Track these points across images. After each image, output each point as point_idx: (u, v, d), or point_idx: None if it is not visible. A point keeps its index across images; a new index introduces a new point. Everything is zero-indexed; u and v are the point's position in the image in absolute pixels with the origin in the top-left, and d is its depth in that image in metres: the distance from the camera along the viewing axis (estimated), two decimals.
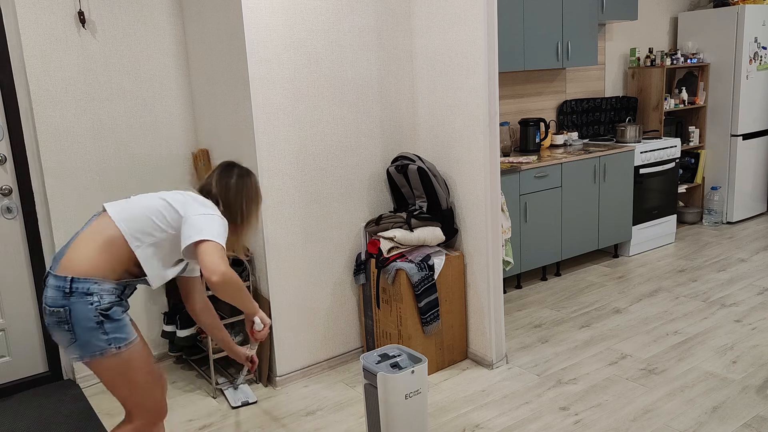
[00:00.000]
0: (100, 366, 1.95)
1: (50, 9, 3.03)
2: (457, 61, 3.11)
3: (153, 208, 2.00)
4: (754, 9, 5.43)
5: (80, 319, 1.89)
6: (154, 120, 3.39)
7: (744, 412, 2.74)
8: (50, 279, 1.92)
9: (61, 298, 1.89)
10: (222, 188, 2.15)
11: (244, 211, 2.16)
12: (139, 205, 2.01)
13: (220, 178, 2.17)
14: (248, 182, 2.20)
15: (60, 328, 1.91)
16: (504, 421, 2.77)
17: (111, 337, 1.93)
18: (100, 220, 2.00)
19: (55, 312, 1.90)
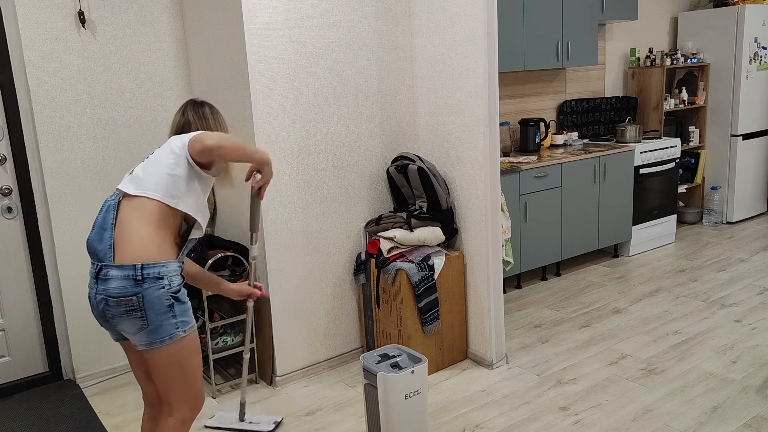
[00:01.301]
0: (162, 353, 1.95)
1: (50, 9, 3.03)
2: (457, 61, 3.11)
3: (163, 162, 2.00)
4: (754, 9, 5.43)
5: (153, 304, 1.90)
6: (154, 120, 3.39)
7: (744, 412, 2.74)
8: (111, 270, 1.89)
9: (132, 286, 1.88)
10: (201, 119, 2.20)
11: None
12: (152, 169, 2.00)
13: (195, 110, 2.21)
14: (219, 112, 2.28)
15: (130, 317, 1.90)
16: (504, 421, 2.78)
17: (179, 321, 1.95)
18: (127, 203, 1.98)
19: (124, 301, 1.89)
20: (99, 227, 1.98)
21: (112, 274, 1.90)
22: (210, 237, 3.22)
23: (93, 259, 1.97)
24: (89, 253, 1.99)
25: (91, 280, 1.97)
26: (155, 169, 2.00)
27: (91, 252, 1.97)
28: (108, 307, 1.91)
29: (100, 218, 1.99)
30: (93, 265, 1.97)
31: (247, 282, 2.60)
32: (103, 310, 1.94)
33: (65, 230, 3.20)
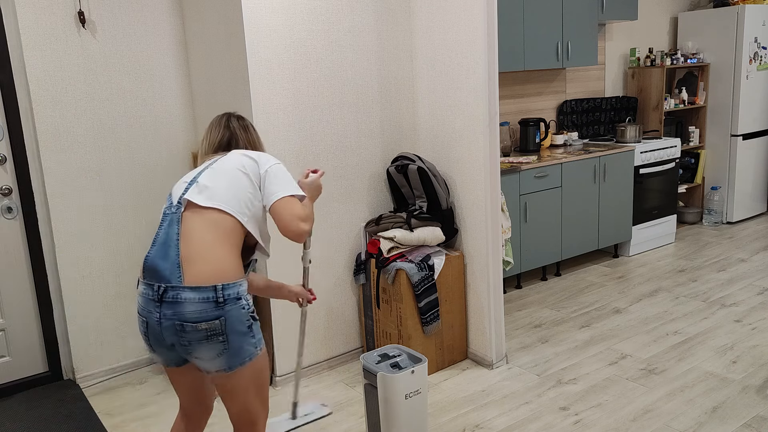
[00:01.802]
0: (242, 375, 1.83)
1: (50, 9, 3.03)
2: (457, 61, 3.11)
3: (238, 178, 1.88)
4: (754, 9, 5.43)
5: (235, 326, 1.76)
6: (154, 120, 3.39)
7: (744, 412, 2.74)
8: (183, 293, 1.73)
9: (213, 309, 1.73)
10: (247, 133, 2.10)
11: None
12: (224, 181, 1.87)
13: (240, 123, 2.10)
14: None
15: (210, 342, 1.75)
16: (504, 421, 2.77)
17: (257, 339, 1.84)
18: (195, 216, 1.82)
19: (205, 327, 1.73)
20: (162, 243, 1.79)
21: (186, 296, 1.72)
22: None
23: (152, 279, 1.76)
24: (147, 272, 1.78)
25: (147, 304, 1.77)
26: (228, 182, 1.87)
27: (152, 271, 1.77)
28: (183, 333, 1.74)
29: (162, 233, 1.81)
30: (151, 286, 1.76)
31: (302, 285, 2.52)
32: (171, 337, 1.76)
33: (65, 230, 3.20)
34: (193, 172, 1.95)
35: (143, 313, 1.80)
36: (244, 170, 1.90)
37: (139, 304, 1.81)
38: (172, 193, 1.90)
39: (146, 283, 1.78)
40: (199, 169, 1.95)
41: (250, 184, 1.89)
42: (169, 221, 1.83)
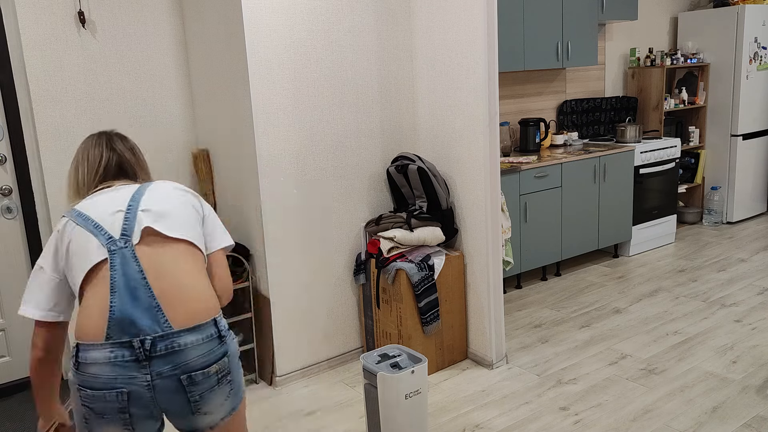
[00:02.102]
0: (241, 412, 1.63)
1: (50, 9, 3.03)
2: (457, 61, 3.11)
3: (188, 211, 1.64)
4: (754, 9, 5.43)
5: (235, 359, 1.59)
6: (154, 120, 3.39)
7: (744, 412, 2.74)
8: (181, 338, 1.46)
9: (218, 346, 1.53)
10: (135, 155, 1.77)
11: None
12: (178, 210, 1.61)
13: (125, 144, 1.76)
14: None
15: (221, 385, 1.53)
16: (504, 421, 2.77)
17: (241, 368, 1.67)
18: (157, 247, 1.52)
19: (216, 370, 1.51)
20: (124, 288, 1.45)
21: (186, 341, 1.46)
22: None
23: (126, 335, 1.42)
24: (117, 328, 1.43)
25: (125, 369, 1.42)
26: (185, 214, 1.61)
27: (125, 325, 1.43)
28: (193, 387, 1.47)
29: (117, 276, 1.46)
30: (126, 345, 1.42)
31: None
32: (170, 400, 1.46)
33: None
34: (107, 200, 1.57)
35: (119, 384, 1.41)
36: (193, 206, 1.66)
37: (103, 376, 1.41)
38: (101, 227, 1.51)
39: (116, 343, 1.41)
40: (120, 197, 1.58)
41: (198, 224, 1.65)
42: (120, 260, 1.47)
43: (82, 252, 1.50)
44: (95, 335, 1.43)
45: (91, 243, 1.50)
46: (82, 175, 1.68)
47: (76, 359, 1.45)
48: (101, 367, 1.42)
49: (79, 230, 1.52)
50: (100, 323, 1.43)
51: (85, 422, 1.47)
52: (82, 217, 1.54)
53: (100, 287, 1.46)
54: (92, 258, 1.48)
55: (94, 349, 1.42)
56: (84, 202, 1.60)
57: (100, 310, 1.44)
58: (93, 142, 1.72)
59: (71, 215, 1.57)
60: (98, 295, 1.46)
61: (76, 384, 1.46)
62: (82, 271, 1.49)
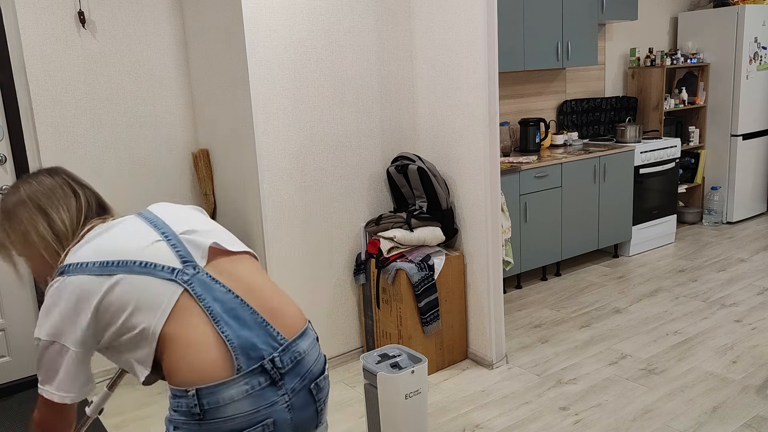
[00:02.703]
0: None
1: (50, 9, 3.03)
2: (457, 61, 3.11)
3: (210, 219, 1.54)
4: (754, 9, 5.43)
5: None
6: (154, 120, 3.39)
7: (744, 412, 2.74)
8: (298, 345, 1.36)
9: (319, 347, 1.46)
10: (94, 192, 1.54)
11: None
12: (212, 224, 1.49)
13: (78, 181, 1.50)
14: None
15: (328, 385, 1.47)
16: (504, 421, 2.77)
17: None
18: (226, 264, 1.39)
19: (327, 370, 1.45)
20: (224, 313, 1.30)
21: (303, 347, 1.37)
22: None
23: (254, 360, 1.28)
24: (244, 356, 1.27)
25: (266, 396, 1.28)
26: (214, 225, 1.49)
27: (250, 350, 1.28)
28: (319, 394, 1.40)
29: (212, 304, 1.30)
30: (260, 371, 1.28)
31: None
32: (306, 414, 1.37)
33: None
34: (123, 237, 1.36)
35: (262, 416, 1.27)
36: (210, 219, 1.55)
37: (241, 414, 1.25)
38: (150, 263, 1.31)
39: (248, 372, 1.26)
40: (136, 229, 1.38)
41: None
42: (201, 287, 1.32)
43: (143, 298, 1.28)
44: (224, 372, 1.25)
45: (152, 284, 1.29)
46: (63, 223, 1.39)
47: (195, 409, 1.23)
48: (238, 405, 1.24)
49: (117, 280, 1.28)
50: (222, 357, 1.25)
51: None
52: (104, 265, 1.29)
53: (194, 322, 1.28)
54: (165, 298, 1.28)
55: (226, 387, 1.24)
56: (80, 252, 1.33)
57: (211, 345, 1.26)
58: (53, 184, 1.43)
59: (78, 271, 1.29)
60: (198, 330, 1.27)
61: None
62: (158, 315, 1.28)
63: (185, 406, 1.24)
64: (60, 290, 1.29)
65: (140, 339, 1.29)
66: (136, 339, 1.29)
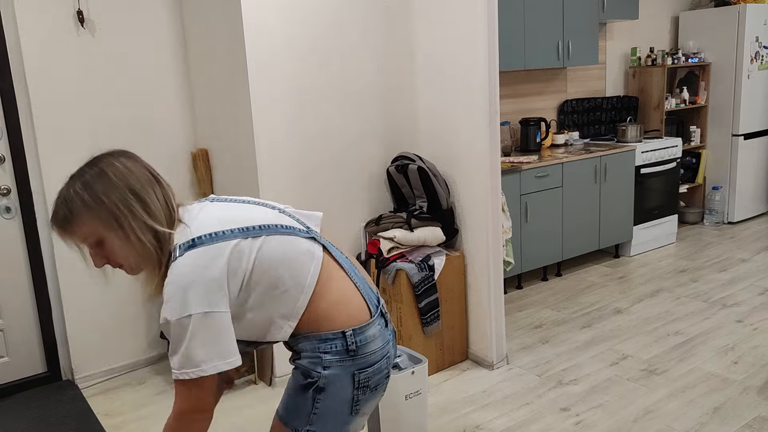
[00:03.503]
0: None
1: (49, 8, 3.02)
2: (457, 61, 3.10)
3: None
4: (755, 8, 5.42)
5: None
6: (153, 120, 3.38)
7: (745, 413, 2.73)
8: (380, 298, 1.59)
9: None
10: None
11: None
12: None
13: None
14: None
15: None
16: (504, 422, 2.77)
17: None
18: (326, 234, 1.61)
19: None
20: (350, 269, 1.53)
21: (382, 301, 1.60)
22: None
23: (374, 306, 1.51)
24: (371, 304, 1.51)
25: (385, 335, 1.52)
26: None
27: (370, 298, 1.52)
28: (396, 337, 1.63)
29: (342, 262, 1.53)
30: (380, 313, 1.51)
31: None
32: (395, 352, 1.59)
33: None
34: (243, 211, 1.44)
35: (387, 350, 1.51)
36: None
37: (378, 349, 1.48)
38: (290, 227, 1.46)
39: (376, 316, 1.50)
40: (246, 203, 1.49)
41: None
42: (330, 247, 1.54)
43: (294, 255, 1.40)
44: (365, 316, 1.46)
45: (299, 242, 1.43)
46: (157, 208, 1.37)
47: (352, 347, 1.42)
48: (375, 342, 1.46)
49: (266, 240, 1.37)
50: (363, 304, 1.47)
51: (354, 406, 1.45)
52: (245, 230, 1.36)
53: (337, 275, 1.48)
54: (316, 256, 1.46)
55: (368, 328, 1.45)
56: (199, 224, 1.35)
57: (352, 294, 1.47)
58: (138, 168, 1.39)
59: (216, 239, 1.32)
60: (342, 281, 1.48)
61: (351, 371, 1.42)
62: (312, 270, 1.43)
63: (341, 345, 1.41)
64: (201, 258, 1.29)
65: (291, 295, 1.40)
66: (288, 293, 1.39)
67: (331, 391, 1.42)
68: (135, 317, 3.44)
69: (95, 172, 1.34)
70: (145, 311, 3.47)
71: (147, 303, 3.46)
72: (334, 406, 1.43)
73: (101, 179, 1.33)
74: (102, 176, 1.33)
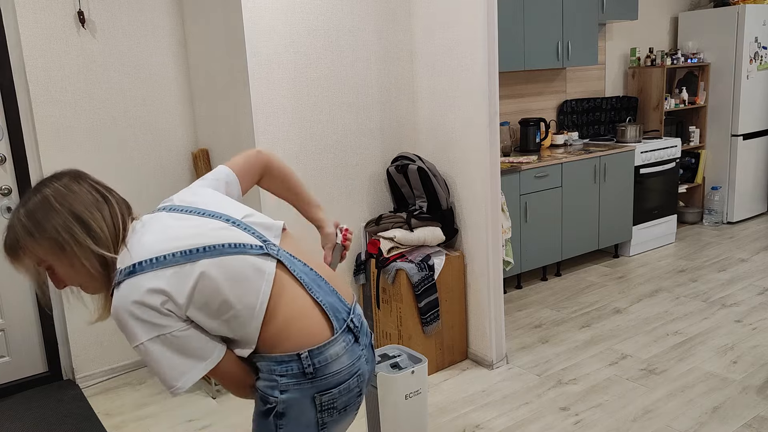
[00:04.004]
0: None
1: (50, 9, 3.03)
2: (457, 61, 3.11)
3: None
4: (754, 9, 5.43)
5: None
6: (153, 120, 3.38)
7: (744, 413, 2.74)
8: (357, 308, 1.51)
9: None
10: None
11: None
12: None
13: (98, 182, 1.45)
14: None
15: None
16: (504, 422, 2.77)
17: None
18: (289, 242, 1.49)
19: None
20: (312, 282, 1.43)
21: (359, 311, 1.52)
22: None
23: (340, 321, 1.42)
24: (336, 319, 1.41)
25: (355, 351, 1.43)
26: (242, 206, 1.53)
27: (337, 313, 1.42)
28: (373, 351, 1.54)
29: (301, 275, 1.41)
30: (347, 330, 1.43)
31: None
32: (371, 368, 1.52)
33: None
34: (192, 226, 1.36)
35: (355, 368, 1.42)
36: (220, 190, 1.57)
37: (344, 368, 1.40)
38: (236, 243, 1.34)
39: (342, 332, 1.41)
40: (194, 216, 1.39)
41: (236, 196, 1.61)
42: (288, 263, 1.41)
43: (242, 276, 1.32)
44: (324, 333, 1.38)
45: (246, 261, 1.33)
46: (101, 230, 1.32)
47: (309, 369, 1.35)
48: (339, 360, 1.39)
49: (209, 263, 1.29)
50: (323, 320, 1.38)
51: (320, 429, 1.39)
52: (186, 253, 1.29)
53: (291, 291, 1.38)
54: (267, 274, 1.35)
55: (328, 346, 1.37)
56: (139, 249, 1.30)
57: (312, 311, 1.38)
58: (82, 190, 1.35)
59: (156, 265, 1.27)
60: (298, 298, 1.38)
61: (310, 393, 1.36)
62: (263, 290, 1.34)
63: (296, 368, 1.33)
64: (140, 287, 1.25)
65: (243, 319, 1.32)
66: (237, 320, 1.31)
67: (292, 416, 1.35)
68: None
69: (38, 199, 1.30)
70: None
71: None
72: (298, 431, 1.37)
73: (43, 206, 1.29)
74: (44, 203, 1.29)
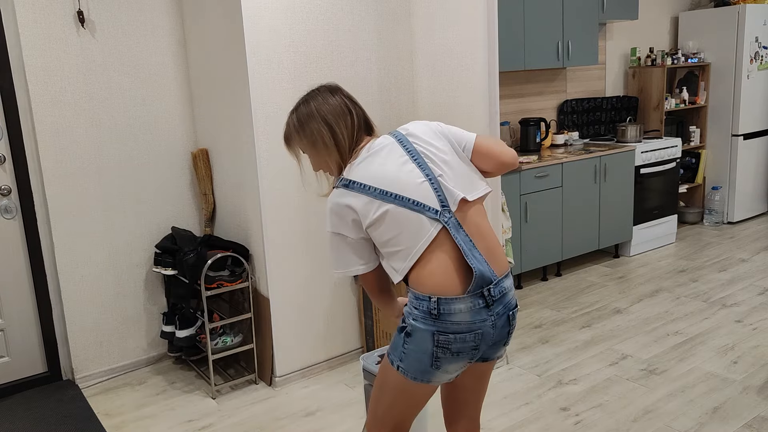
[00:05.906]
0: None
1: (49, 9, 3.02)
2: (457, 61, 3.11)
3: (454, 152, 1.80)
4: (754, 8, 5.42)
5: None
6: (153, 120, 3.38)
7: (745, 413, 2.74)
8: (505, 283, 1.73)
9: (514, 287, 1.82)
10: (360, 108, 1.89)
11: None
12: (457, 162, 1.78)
13: (349, 96, 1.85)
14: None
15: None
16: (504, 422, 2.77)
17: None
18: (467, 211, 1.73)
19: (518, 308, 1.90)
20: (468, 251, 1.69)
21: (506, 285, 1.73)
22: (209, 237, 3.22)
23: (480, 288, 1.67)
24: (477, 284, 1.67)
25: (479, 314, 1.68)
26: (459, 163, 1.77)
27: (481, 280, 1.67)
28: (513, 322, 1.76)
29: (461, 243, 1.68)
30: (479, 295, 1.67)
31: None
32: (500, 335, 1.74)
33: (64, 230, 3.20)
34: (394, 169, 1.71)
35: (476, 326, 1.68)
36: (452, 145, 1.79)
37: (464, 322, 1.67)
38: (421, 203, 1.68)
39: (473, 294, 1.67)
40: (403, 164, 1.72)
41: (467, 161, 1.80)
42: (453, 229, 1.68)
43: (413, 227, 1.68)
44: (456, 291, 1.66)
45: (421, 220, 1.68)
46: (343, 137, 1.77)
47: (434, 311, 1.66)
48: (463, 315, 1.66)
49: (394, 209, 1.67)
50: (458, 281, 1.67)
51: (434, 360, 1.69)
52: (383, 193, 1.68)
53: (445, 251, 1.68)
54: (430, 233, 1.68)
55: (457, 301, 1.65)
56: (359, 170, 1.73)
57: (454, 270, 1.67)
58: (336, 102, 1.79)
59: (360, 190, 1.71)
60: (447, 257, 1.68)
61: (431, 330, 1.67)
62: (421, 243, 1.68)
63: (426, 307, 1.66)
64: (345, 196, 1.73)
65: (402, 255, 1.69)
66: (399, 254, 1.70)
67: (415, 339, 1.68)
68: (135, 317, 3.45)
69: (304, 107, 1.79)
70: (145, 311, 3.47)
71: (147, 302, 3.47)
72: (417, 353, 1.68)
73: (308, 112, 1.78)
74: (308, 110, 1.78)
